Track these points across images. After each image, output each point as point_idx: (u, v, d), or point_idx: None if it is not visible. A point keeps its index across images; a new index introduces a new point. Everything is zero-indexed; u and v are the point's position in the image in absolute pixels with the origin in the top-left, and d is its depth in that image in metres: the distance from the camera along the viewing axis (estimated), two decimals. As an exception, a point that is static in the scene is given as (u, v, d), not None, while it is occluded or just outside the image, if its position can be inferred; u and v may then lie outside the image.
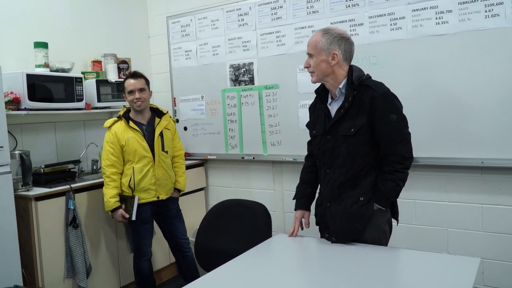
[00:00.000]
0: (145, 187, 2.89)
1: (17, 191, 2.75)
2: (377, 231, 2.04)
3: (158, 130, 2.96)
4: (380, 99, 1.95)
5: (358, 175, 2.01)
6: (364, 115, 1.96)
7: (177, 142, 3.16)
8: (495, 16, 2.63)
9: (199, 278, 1.83)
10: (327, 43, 2.01)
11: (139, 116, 2.95)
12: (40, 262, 2.75)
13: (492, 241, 2.80)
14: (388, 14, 2.96)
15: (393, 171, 1.97)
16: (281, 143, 3.49)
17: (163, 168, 2.96)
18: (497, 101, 2.65)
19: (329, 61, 2.01)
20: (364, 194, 2.00)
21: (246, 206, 2.60)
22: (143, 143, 2.88)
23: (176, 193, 3.10)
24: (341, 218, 2.03)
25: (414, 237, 3.03)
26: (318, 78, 2.06)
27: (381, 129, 1.96)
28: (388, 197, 2.01)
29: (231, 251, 2.09)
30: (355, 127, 1.97)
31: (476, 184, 2.83)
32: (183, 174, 3.15)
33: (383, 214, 2.05)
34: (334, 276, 1.75)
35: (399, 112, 1.99)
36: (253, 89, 3.58)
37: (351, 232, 2.03)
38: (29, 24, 3.25)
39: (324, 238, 2.12)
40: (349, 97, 1.99)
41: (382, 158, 2.01)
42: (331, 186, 2.06)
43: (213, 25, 3.75)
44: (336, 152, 2.04)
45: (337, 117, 2.02)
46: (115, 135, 2.87)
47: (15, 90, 2.87)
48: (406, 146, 2.00)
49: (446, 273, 1.69)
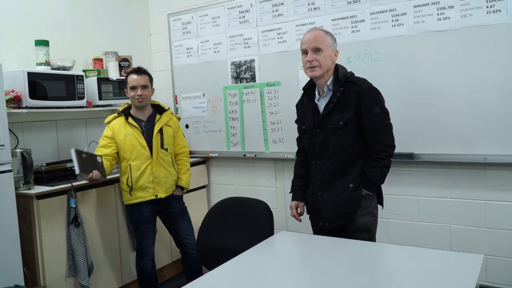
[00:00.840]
0: (143, 185, 2.84)
1: (19, 189, 2.74)
2: (367, 215, 2.21)
3: (158, 126, 2.90)
4: (365, 94, 2.15)
5: (347, 164, 2.20)
6: (351, 108, 2.15)
7: (181, 139, 3.08)
8: (496, 11, 2.61)
9: (201, 276, 1.82)
10: (332, 41, 2.22)
11: (139, 112, 2.91)
12: (41, 261, 2.75)
13: (495, 238, 2.79)
14: (390, 10, 2.95)
15: (378, 159, 2.17)
16: (283, 141, 3.48)
17: (161, 165, 2.89)
18: (500, 97, 2.63)
19: (333, 57, 2.21)
20: (353, 181, 2.19)
21: (248, 204, 2.59)
22: (141, 139, 2.84)
23: (179, 190, 3.01)
24: (333, 203, 2.22)
25: (417, 234, 3.02)
26: (322, 72, 2.19)
27: (367, 121, 2.15)
28: (375, 182, 2.20)
29: (233, 249, 2.08)
30: (343, 120, 2.15)
31: (479, 181, 2.82)
32: (186, 171, 3.06)
33: (371, 199, 2.23)
34: (337, 273, 1.74)
35: (382, 105, 2.19)
36: (254, 86, 3.57)
37: (343, 216, 2.21)
38: (30, 22, 3.25)
39: (317, 227, 2.33)
40: (337, 92, 2.17)
41: (368, 147, 2.20)
42: (322, 176, 2.24)
43: (214, 22, 3.74)
44: (326, 144, 2.21)
45: (326, 112, 2.19)
46: (112, 130, 2.86)
47: (16, 88, 2.87)
48: (389, 136, 2.20)
49: (450, 270, 1.69)
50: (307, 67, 2.20)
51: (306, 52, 2.19)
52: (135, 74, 2.86)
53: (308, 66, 2.18)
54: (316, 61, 2.16)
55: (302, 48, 2.21)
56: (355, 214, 2.19)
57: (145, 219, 2.92)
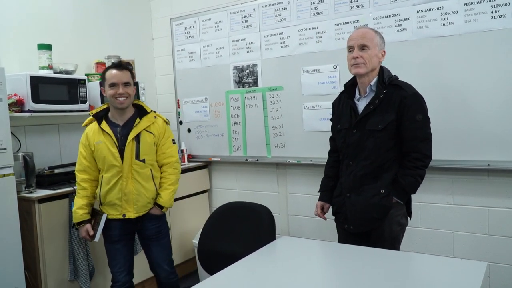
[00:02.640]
0: (112, 201, 2.46)
1: (20, 193, 2.74)
2: (394, 223, 2.15)
3: (133, 133, 2.45)
4: (410, 99, 2.11)
5: (381, 168, 2.14)
6: (393, 112, 2.10)
7: (167, 147, 2.58)
8: (501, 17, 2.60)
9: (202, 281, 1.81)
10: (380, 41, 2.19)
11: (117, 115, 2.49)
12: (43, 264, 2.74)
13: (499, 245, 2.76)
14: (393, 15, 2.94)
15: (414, 167, 2.10)
16: (285, 145, 3.47)
17: (135, 180, 2.45)
18: (504, 103, 2.62)
19: (380, 57, 2.18)
20: (385, 187, 2.13)
21: (249, 209, 2.58)
22: (112, 149, 2.43)
23: (156, 209, 2.54)
24: (361, 207, 2.16)
25: (419, 241, 3.00)
26: (367, 70, 2.15)
27: (407, 127, 2.10)
28: (407, 191, 2.14)
29: (234, 253, 2.07)
30: (383, 123, 2.10)
31: (482, 187, 2.80)
32: (169, 186, 2.56)
33: (400, 207, 2.17)
34: (338, 280, 1.73)
35: (424, 113, 2.15)
36: (257, 91, 3.57)
37: (369, 221, 2.16)
38: (33, 26, 3.26)
39: (342, 229, 2.28)
40: (380, 94, 2.12)
41: (404, 154, 2.14)
42: (353, 177, 2.19)
43: (216, 26, 3.74)
44: (361, 146, 2.16)
45: (365, 112, 2.15)
46: (86, 137, 2.50)
47: (18, 92, 2.87)
48: (428, 145, 2.14)
49: (453, 277, 1.67)
50: (351, 64, 2.17)
51: (352, 49, 2.16)
52: (115, 69, 2.45)
53: (353, 63, 2.15)
54: (362, 59, 2.12)
55: (349, 44, 2.18)
56: (382, 222, 2.13)
57: (112, 238, 2.54)
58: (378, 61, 2.17)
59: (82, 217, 2.51)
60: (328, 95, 3.16)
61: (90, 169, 2.52)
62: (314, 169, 3.31)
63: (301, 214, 3.50)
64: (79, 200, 2.52)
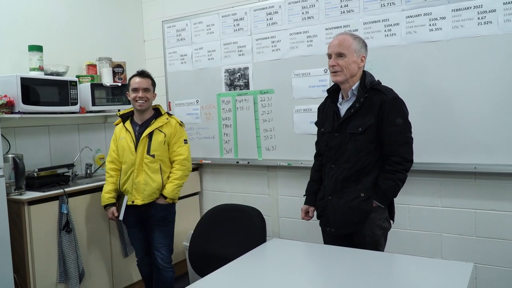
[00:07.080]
0: (127, 189, 2.86)
1: (10, 195, 2.72)
2: (376, 227, 2.17)
3: (147, 131, 2.82)
4: (389, 103, 2.12)
5: (361, 172, 2.16)
6: (373, 116, 2.12)
7: (178, 146, 2.89)
8: (487, 23, 2.65)
9: (193, 283, 1.82)
10: (359, 46, 2.19)
11: (138, 116, 2.88)
12: (32, 267, 2.73)
13: (485, 246, 2.81)
14: (383, 20, 2.98)
15: (394, 171, 2.12)
16: (276, 148, 3.50)
17: (144, 172, 2.80)
18: (490, 107, 2.67)
19: (358, 62, 2.18)
20: (365, 190, 2.14)
21: (240, 211, 2.60)
22: (130, 144, 2.83)
23: (161, 199, 2.84)
24: (341, 210, 2.18)
25: (408, 242, 3.04)
26: (345, 78, 2.17)
27: (387, 130, 2.11)
28: (387, 195, 2.15)
29: (225, 256, 2.09)
30: (363, 126, 2.12)
31: (469, 190, 2.84)
32: (174, 180, 2.86)
33: (381, 212, 2.18)
34: (328, 281, 1.75)
35: (405, 117, 2.16)
36: (248, 93, 3.59)
37: (350, 224, 2.17)
38: (24, 27, 3.25)
39: (325, 232, 2.31)
40: (360, 98, 2.15)
41: (385, 158, 2.16)
42: (334, 180, 2.21)
43: (208, 29, 3.75)
44: (342, 149, 2.19)
45: (346, 116, 2.18)
46: (115, 134, 2.95)
47: (9, 93, 2.86)
48: (408, 149, 2.15)
49: (440, 278, 1.70)
50: (330, 71, 2.22)
51: (331, 56, 2.20)
52: (138, 76, 2.87)
53: (331, 71, 2.20)
54: (338, 66, 2.16)
55: (328, 52, 2.22)
56: (363, 225, 2.15)
57: (128, 222, 2.94)
58: (358, 67, 2.18)
59: (108, 200, 2.89)
60: (318, 98, 3.17)
61: (116, 160, 2.93)
62: (304, 171, 3.32)
63: (292, 216, 3.52)
64: (107, 186, 2.92)
